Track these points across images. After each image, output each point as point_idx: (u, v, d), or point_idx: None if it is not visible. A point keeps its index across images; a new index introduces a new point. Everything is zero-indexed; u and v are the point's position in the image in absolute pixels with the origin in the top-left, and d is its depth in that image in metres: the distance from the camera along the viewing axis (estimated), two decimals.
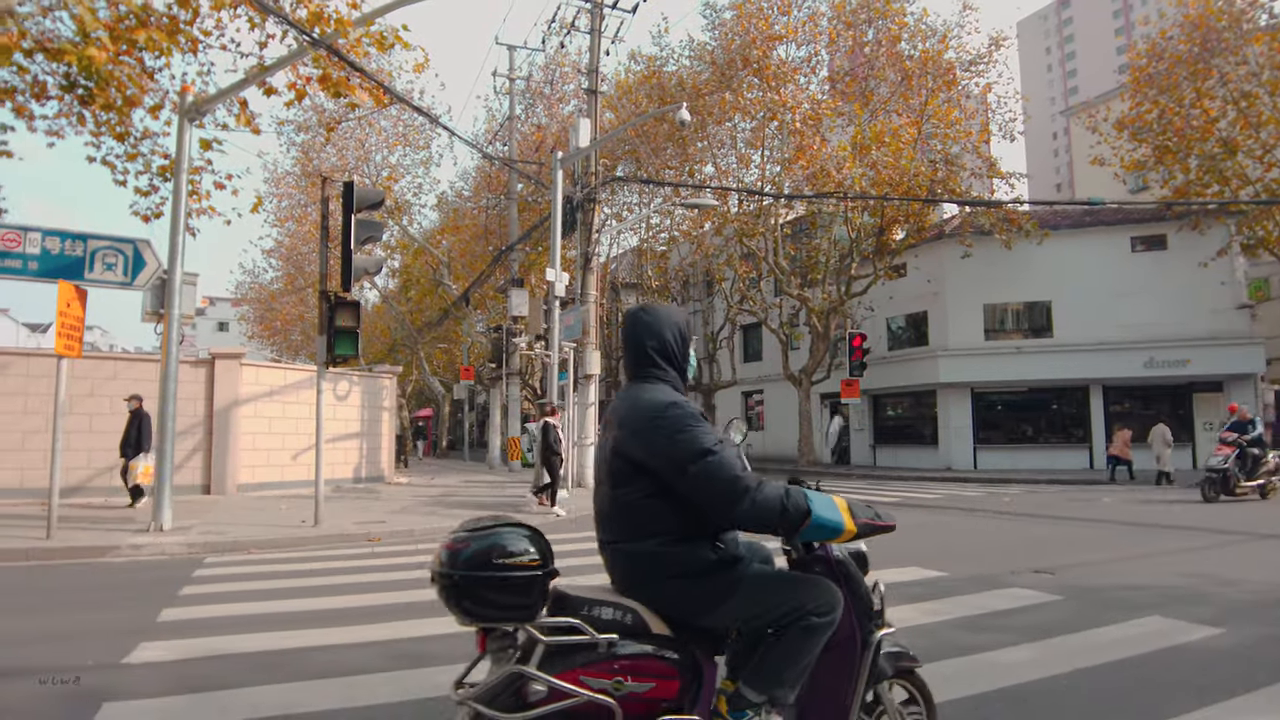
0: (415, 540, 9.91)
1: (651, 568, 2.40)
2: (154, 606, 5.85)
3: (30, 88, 11.76)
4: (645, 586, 2.42)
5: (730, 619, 2.44)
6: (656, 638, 2.35)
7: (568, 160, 14.93)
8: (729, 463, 2.28)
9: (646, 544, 2.40)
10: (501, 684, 2.27)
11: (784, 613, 2.39)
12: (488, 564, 2.31)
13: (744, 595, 2.40)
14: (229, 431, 14.98)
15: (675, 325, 2.55)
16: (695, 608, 2.39)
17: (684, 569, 2.39)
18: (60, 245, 9.50)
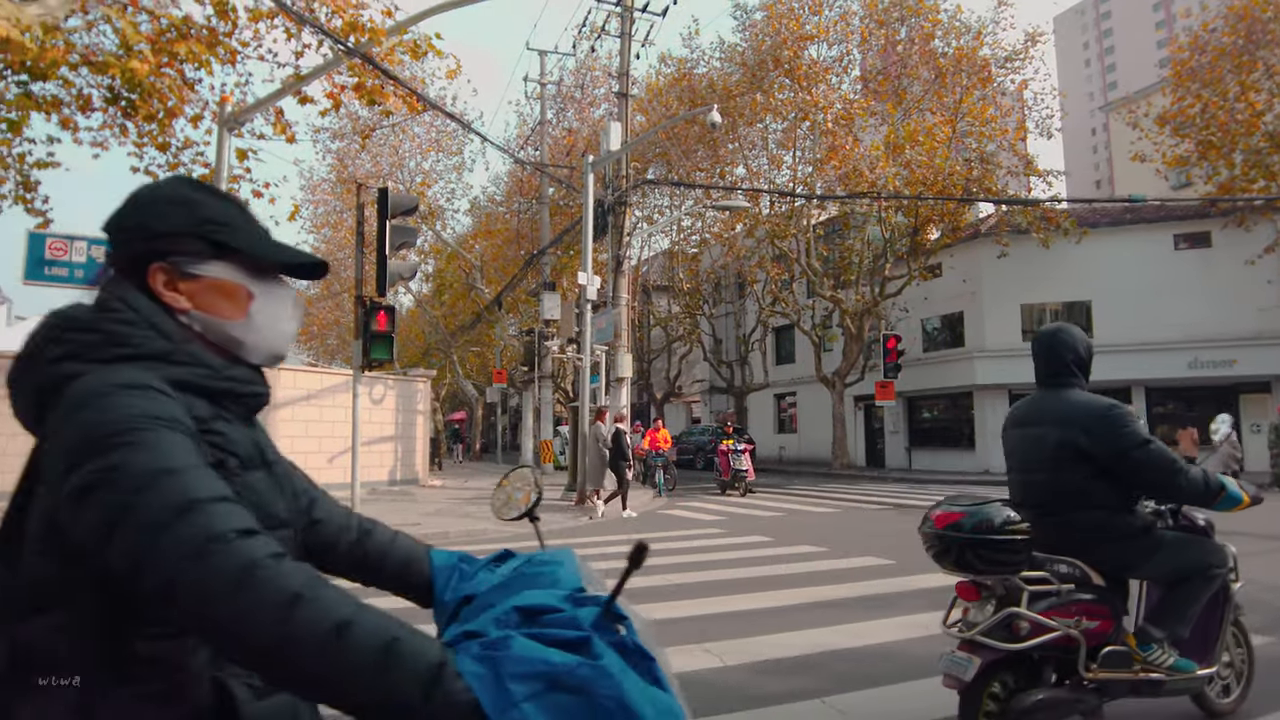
0: (450, 544, 9.97)
1: (1097, 533, 3.02)
2: None
3: (76, 100, 12.09)
4: (1090, 548, 3.04)
5: (1156, 572, 3.08)
6: (1097, 588, 3.01)
7: (599, 163, 14.98)
8: (1162, 449, 2.94)
9: (1094, 515, 3.02)
10: (999, 621, 2.85)
11: (1194, 566, 3.05)
12: (995, 529, 2.87)
13: (1167, 552, 3.04)
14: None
15: (1085, 342, 3.38)
16: (1132, 563, 3.05)
17: (1123, 533, 3.02)
18: (105, 253, 9.72)
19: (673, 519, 12.80)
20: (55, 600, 0.93)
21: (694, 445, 29.33)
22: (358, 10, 10.60)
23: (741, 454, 17.04)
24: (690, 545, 9.48)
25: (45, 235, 9.64)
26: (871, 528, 11.31)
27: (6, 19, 7.58)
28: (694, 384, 40.38)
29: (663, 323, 34.69)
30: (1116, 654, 2.94)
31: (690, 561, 8.15)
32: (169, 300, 1.09)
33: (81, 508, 0.86)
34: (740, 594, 6.36)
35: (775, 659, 4.56)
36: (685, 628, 5.29)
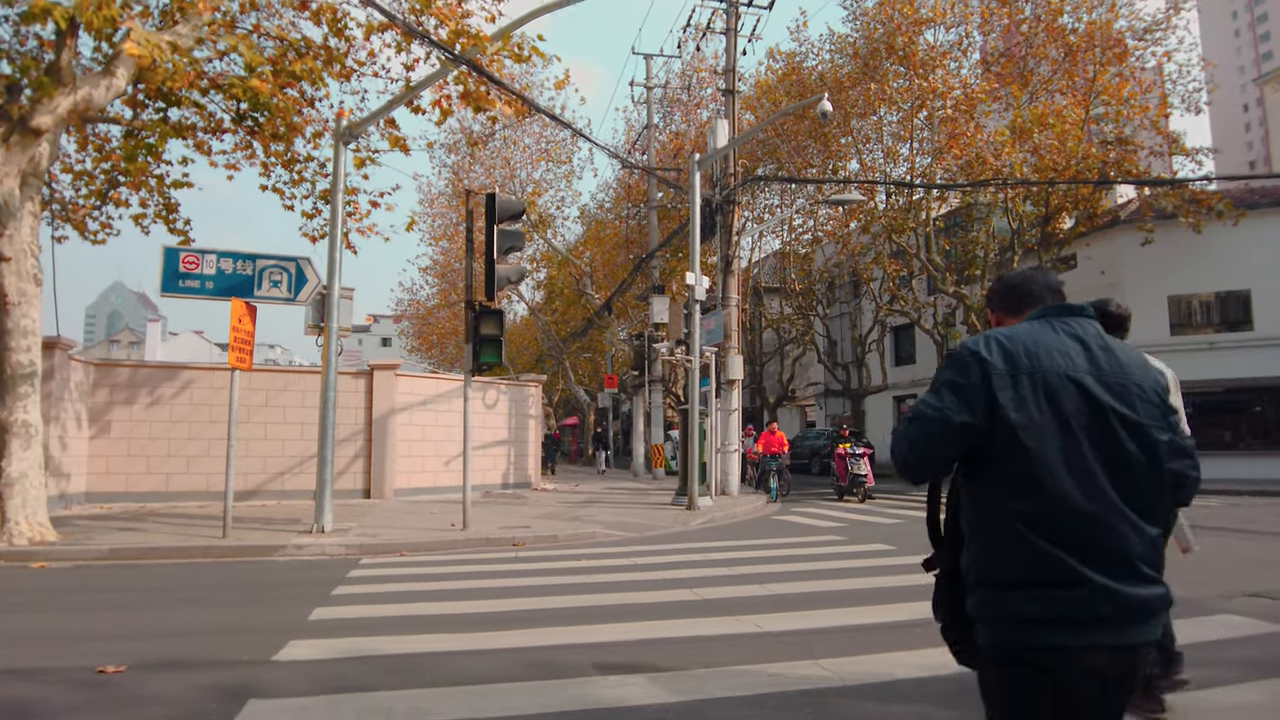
0: (558, 546, 9.90)
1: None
2: (308, 605, 6.03)
3: (207, 123, 12.83)
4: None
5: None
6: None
7: (705, 162, 14.68)
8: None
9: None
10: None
11: None
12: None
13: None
14: (386, 439, 15.71)
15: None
16: None
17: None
18: (233, 265, 10.22)
19: (787, 525, 12.33)
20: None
21: (809, 450, 28.51)
22: (463, 19, 10.75)
23: (860, 458, 16.33)
24: (807, 553, 9.03)
25: (179, 250, 10.20)
26: None
27: (139, 43, 8.02)
28: (808, 387, 39.38)
29: (774, 324, 33.96)
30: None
31: (805, 570, 7.72)
32: None
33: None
34: (858, 606, 5.91)
35: (894, 679, 4.13)
36: (793, 641, 4.91)
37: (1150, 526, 1.70)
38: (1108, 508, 1.66)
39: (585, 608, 6.00)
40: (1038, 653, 1.65)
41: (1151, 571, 1.68)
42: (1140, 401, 1.74)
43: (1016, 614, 1.67)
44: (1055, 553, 1.64)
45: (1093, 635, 1.62)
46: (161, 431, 14.63)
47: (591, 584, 7.08)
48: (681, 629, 5.27)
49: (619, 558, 8.72)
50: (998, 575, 1.72)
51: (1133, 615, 1.64)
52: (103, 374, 14.37)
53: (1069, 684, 1.63)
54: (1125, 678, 1.67)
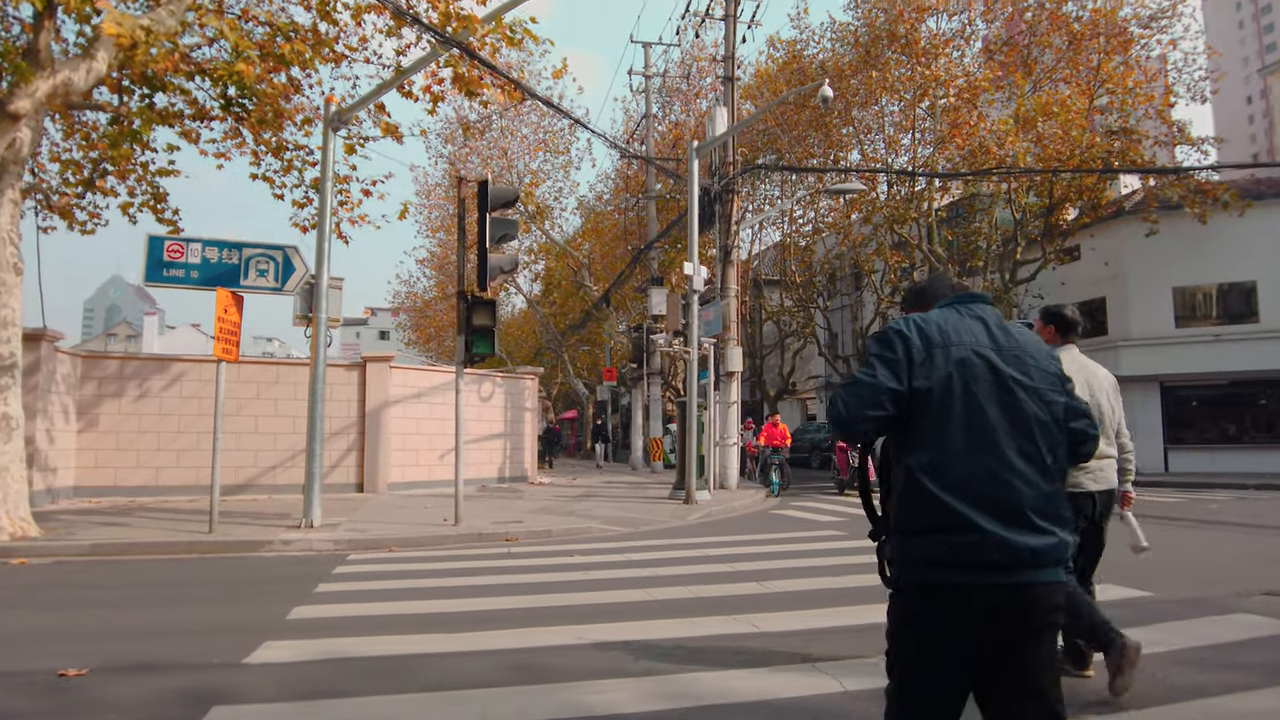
0: (552, 541, 9.68)
1: None
2: (288, 603, 5.81)
3: (194, 110, 12.56)
4: None
5: None
6: None
7: (704, 148, 14.41)
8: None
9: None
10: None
11: None
12: None
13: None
14: (379, 432, 15.48)
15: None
16: None
17: None
18: (218, 254, 9.97)
19: (786, 519, 12.11)
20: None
21: (809, 443, 28.28)
22: (453, 1, 10.48)
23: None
24: (806, 549, 8.80)
25: (164, 238, 9.94)
26: None
27: (117, 22, 7.76)
28: (809, 380, 39.13)
29: (774, 317, 33.69)
30: None
31: (805, 567, 7.49)
32: None
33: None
34: (859, 604, 5.68)
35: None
36: (791, 642, 4.68)
37: (1047, 482, 1.92)
38: (1003, 464, 1.89)
39: (576, 606, 5.77)
40: (938, 589, 1.88)
41: (1044, 522, 1.88)
42: (1035, 370, 2.00)
43: (921, 557, 1.91)
44: (953, 503, 1.86)
45: (985, 576, 1.84)
46: (151, 425, 14.39)
47: (584, 581, 6.85)
48: (676, 629, 5.04)
49: (613, 553, 8.49)
50: (907, 523, 1.95)
51: (1023, 560, 1.84)
52: (90, 366, 14.13)
53: (964, 616, 1.87)
54: (1019, 612, 1.87)
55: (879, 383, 1.96)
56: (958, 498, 1.86)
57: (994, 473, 1.88)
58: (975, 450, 1.89)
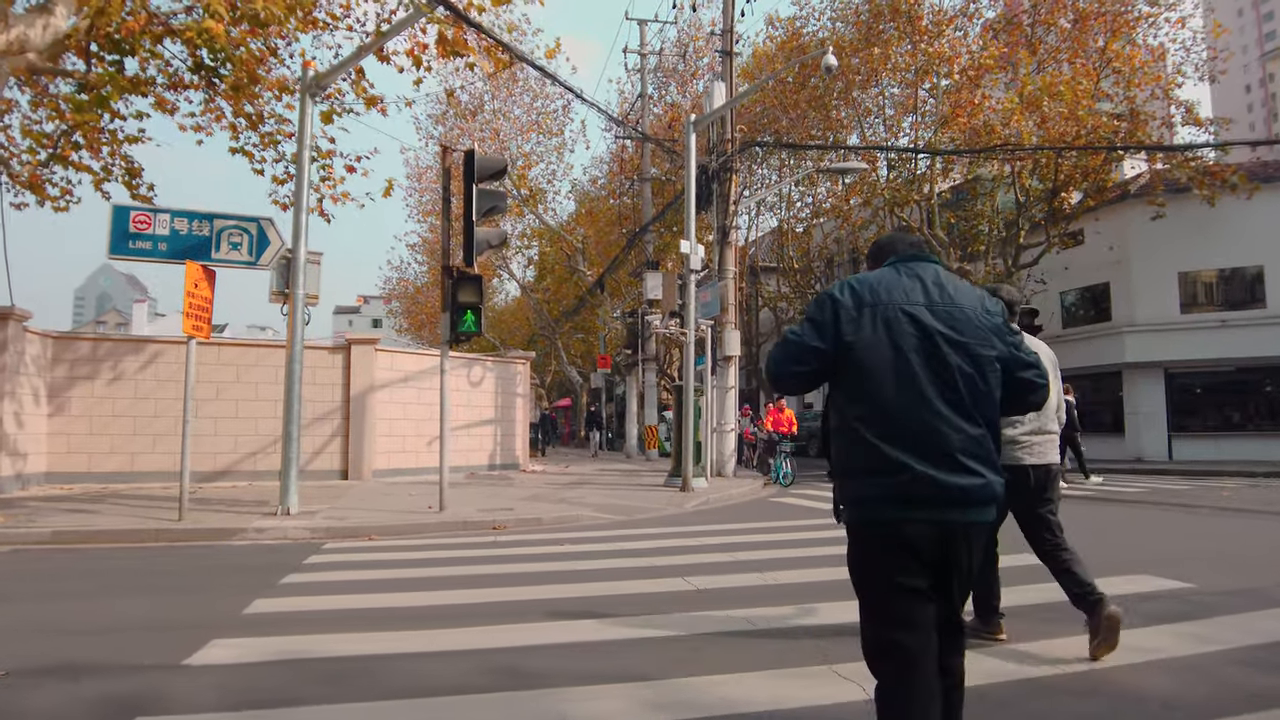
0: (542, 530, 9.17)
1: None
2: (248, 596, 5.30)
3: (168, 78, 11.96)
4: None
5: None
6: None
7: (702, 122, 13.84)
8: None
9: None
10: None
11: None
12: None
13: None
14: (365, 417, 14.95)
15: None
16: None
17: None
18: (188, 226, 9.39)
19: (786, 507, 11.62)
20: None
21: (806, 431, 27.80)
22: None
23: None
24: (808, 537, 8.30)
25: (129, 208, 9.36)
26: None
27: None
28: None
29: (771, 303, 33.17)
30: None
31: (809, 556, 6.98)
32: None
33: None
34: None
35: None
36: (803, 641, 4.19)
37: (973, 426, 2.08)
38: (929, 411, 2.05)
39: (564, 600, 5.27)
40: (876, 524, 2.09)
41: (972, 463, 2.05)
42: (966, 325, 2.14)
43: (859, 495, 2.11)
44: (884, 447, 2.04)
45: (916, 512, 2.02)
46: (125, 409, 13.83)
47: (573, 572, 6.34)
48: (674, 625, 4.54)
49: (606, 543, 7.99)
50: (846, 466, 2.17)
51: (952, 499, 2.01)
52: (62, 347, 13.54)
53: (899, 547, 2.05)
54: (946, 547, 2.06)
55: (804, 342, 2.18)
56: (890, 443, 2.04)
57: (922, 419, 2.05)
58: (904, 399, 2.06)
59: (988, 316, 2.18)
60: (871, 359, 2.10)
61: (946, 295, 2.17)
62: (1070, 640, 4.01)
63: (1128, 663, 3.73)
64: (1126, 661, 3.74)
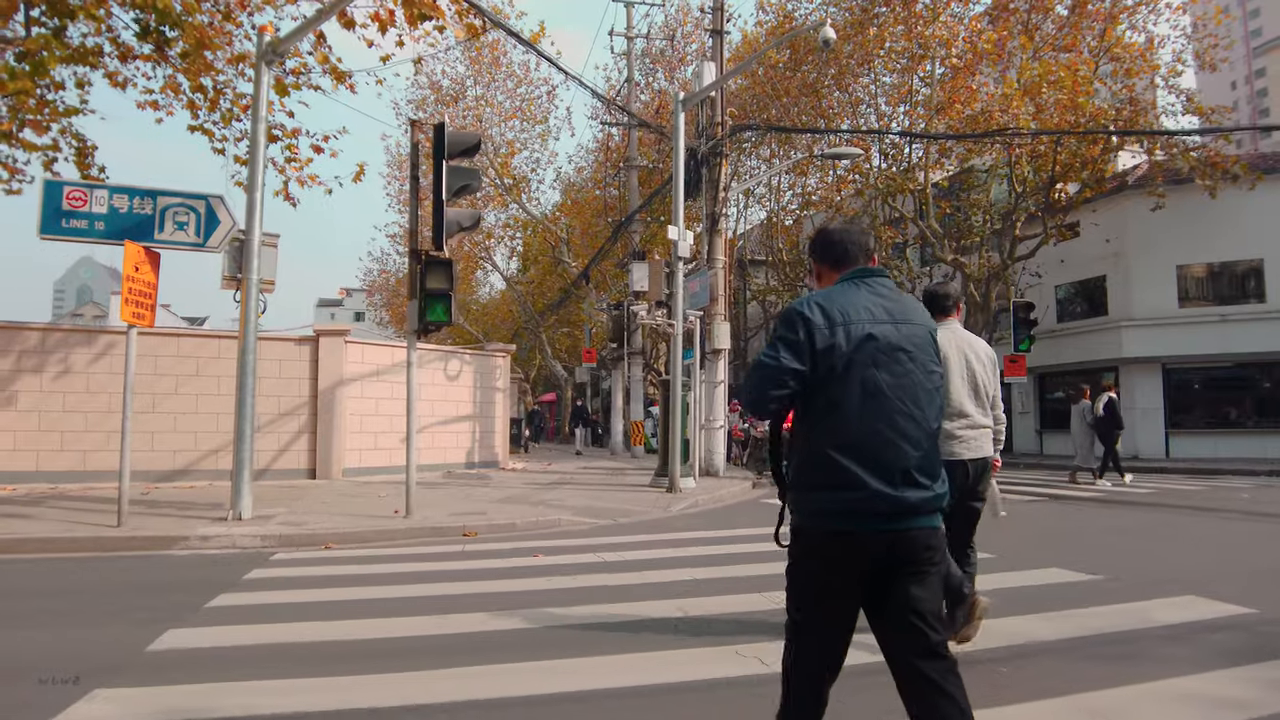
0: (515, 536, 8.43)
1: None
2: (163, 624, 4.53)
3: (115, 46, 11.11)
4: None
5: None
6: None
7: (691, 100, 13.09)
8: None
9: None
10: None
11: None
12: None
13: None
14: (334, 412, 14.13)
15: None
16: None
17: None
18: (128, 203, 8.56)
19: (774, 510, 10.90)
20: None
21: None
22: None
23: None
24: None
25: (63, 183, 8.53)
26: (1040, 524, 9.14)
27: None
28: None
29: (760, 297, 32.49)
30: None
31: None
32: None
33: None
34: None
35: None
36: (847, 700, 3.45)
37: (927, 442, 2.21)
38: (892, 430, 2.15)
39: (532, 631, 4.53)
40: (832, 534, 2.16)
41: (924, 479, 2.17)
42: (922, 343, 2.27)
43: (817, 508, 2.18)
44: (847, 464, 2.13)
45: (871, 524, 2.13)
46: (77, 403, 12.96)
47: (543, 594, 5.59)
48: (657, 669, 3.80)
49: (584, 552, 7.25)
50: (808, 480, 2.23)
51: (905, 511, 2.14)
52: (8, 338, 12.65)
53: (852, 557, 2.14)
54: (900, 552, 2.15)
55: (782, 364, 2.19)
56: (851, 460, 2.12)
57: (885, 438, 2.13)
58: (869, 418, 2.14)
59: (932, 335, 2.32)
60: (843, 378, 2.15)
61: (903, 313, 2.26)
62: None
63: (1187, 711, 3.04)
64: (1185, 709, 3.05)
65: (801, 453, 2.23)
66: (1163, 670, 3.61)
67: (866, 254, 2.45)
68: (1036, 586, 5.45)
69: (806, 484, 2.20)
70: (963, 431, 4.11)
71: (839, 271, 2.42)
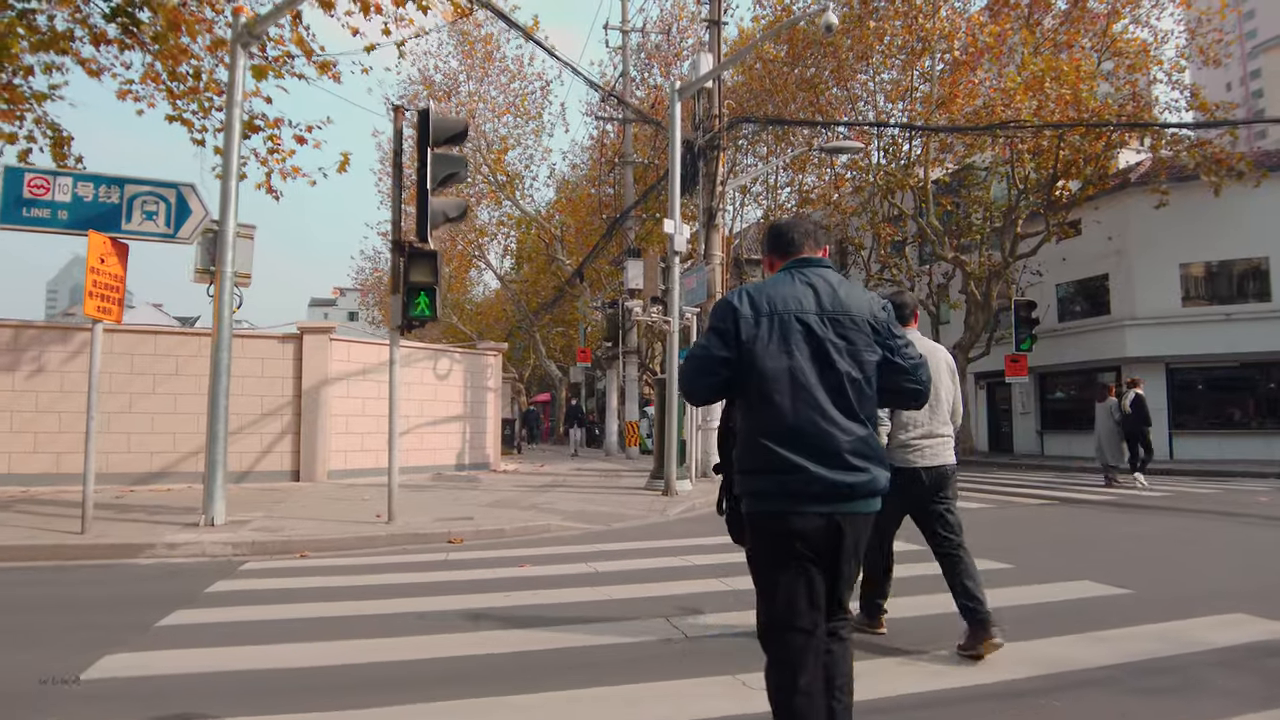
0: (503, 544, 7.98)
1: None
2: (104, 646, 4.08)
3: (87, 30, 10.64)
4: None
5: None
6: None
7: (687, 90, 12.65)
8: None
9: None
10: None
11: None
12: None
13: None
14: (319, 413, 13.67)
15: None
16: None
17: None
18: (94, 191, 8.10)
19: None
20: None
21: None
22: None
23: None
24: None
25: (24, 170, 8.09)
26: (1054, 530, 8.73)
27: None
28: None
29: None
30: None
31: None
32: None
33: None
34: (908, 653, 4.04)
35: None
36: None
37: (860, 427, 2.25)
38: (821, 416, 2.21)
39: (508, 657, 4.08)
40: (771, 515, 2.25)
41: (859, 461, 2.22)
42: (855, 331, 2.30)
43: (757, 490, 2.28)
44: (782, 450, 2.21)
45: (807, 506, 2.20)
46: (50, 403, 12.47)
47: (529, 609, 5.16)
48: (653, 705, 3.36)
49: (574, 561, 6.81)
50: (749, 465, 2.31)
51: (839, 494, 2.20)
52: None
53: (792, 536, 2.22)
54: (835, 534, 2.24)
55: (710, 353, 2.31)
56: (786, 445, 2.20)
57: (815, 423, 2.21)
58: (799, 405, 2.22)
59: (874, 321, 2.33)
60: (769, 367, 2.23)
61: (838, 302, 2.31)
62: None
63: None
64: None
65: (740, 440, 2.34)
66: (1228, 706, 3.18)
67: (814, 243, 2.49)
68: (1065, 603, 5.02)
69: (746, 468, 2.31)
70: (917, 441, 4.14)
71: (785, 261, 2.49)
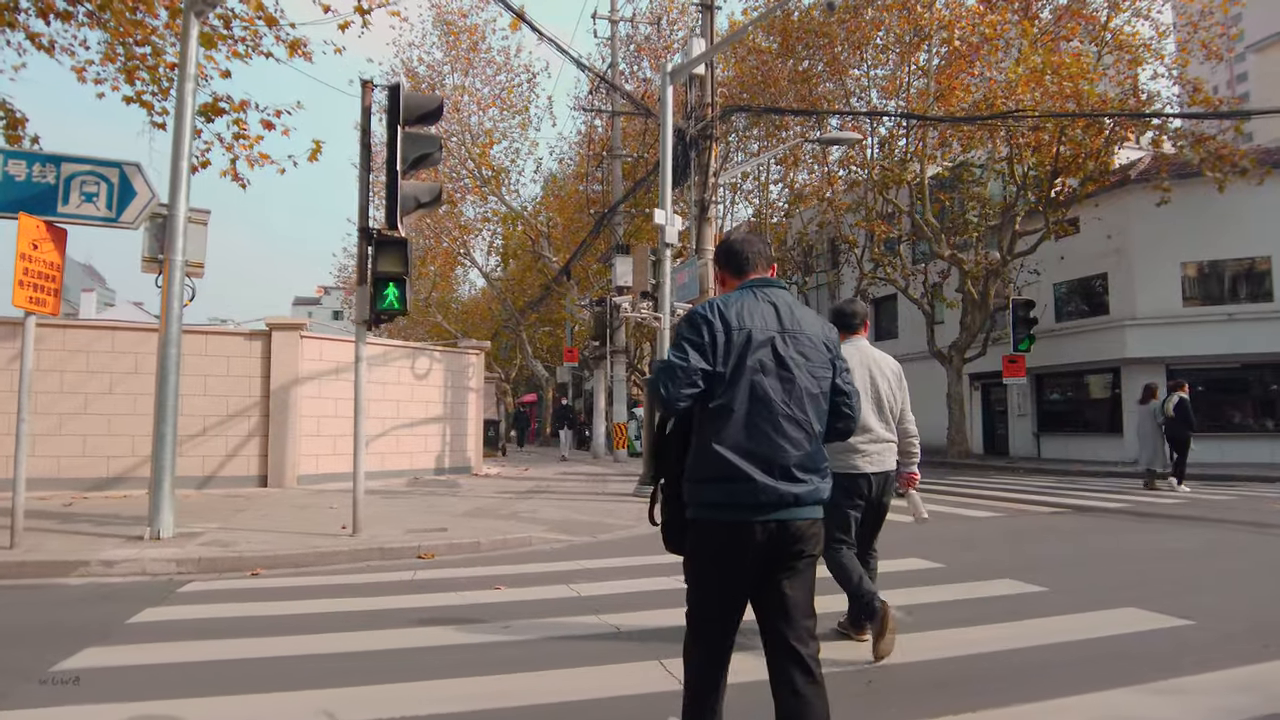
0: (478, 559, 7.28)
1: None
2: None
3: (33, 3, 9.90)
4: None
5: None
6: None
7: (680, 73, 12.00)
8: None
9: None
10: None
11: None
12: None
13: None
14: (288, 414, 12.91)
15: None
16: None
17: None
18: (26, 170, 7.34)
19: None
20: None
21: None
22: None
23: None
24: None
25: None
26: (1080, 543, 8.12)
27: None
28: None
29: None
30: None
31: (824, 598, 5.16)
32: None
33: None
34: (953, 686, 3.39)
35: None
36: None
37: (810, 443, 2.36)
38: (777, 430, 2.30)
39: (481, 715, 3.39)
40: (721, 523, 2.30)
41: (804, 474, 2.32)
42: (811, 349, 2.42)
43: (707, 499, 2.33)
44: (734, 460, 2.28)
45: (754, 514, 2.27)
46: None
47: (499, 646, 4.46)
48: None
49: (555, 582, 6.11)
50: (700, 473, 2.36)
51: (785, 502, 2.28)
52: None
53: (740, 543, 2.28)
54: (781, 540, 2.29)
55: (691, 365, 2.32)
56: (739, 455, 2.28)
57: (769, 437, 2.30)
58: (755, 418, 2.30)
59: (826, 344, 2.46)
60: (734, 380, 2.33)
61: (796, 321, 2.43)
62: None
63: None
64: None
65: (695, 448, 2.38)
66: None
67: (767, 262, 2.59)
68: (1119, 638, 4.36)
69: (698, 477, 2.35)
70: (865, 445, 4.21)
71: (740, 279, 2.56)
